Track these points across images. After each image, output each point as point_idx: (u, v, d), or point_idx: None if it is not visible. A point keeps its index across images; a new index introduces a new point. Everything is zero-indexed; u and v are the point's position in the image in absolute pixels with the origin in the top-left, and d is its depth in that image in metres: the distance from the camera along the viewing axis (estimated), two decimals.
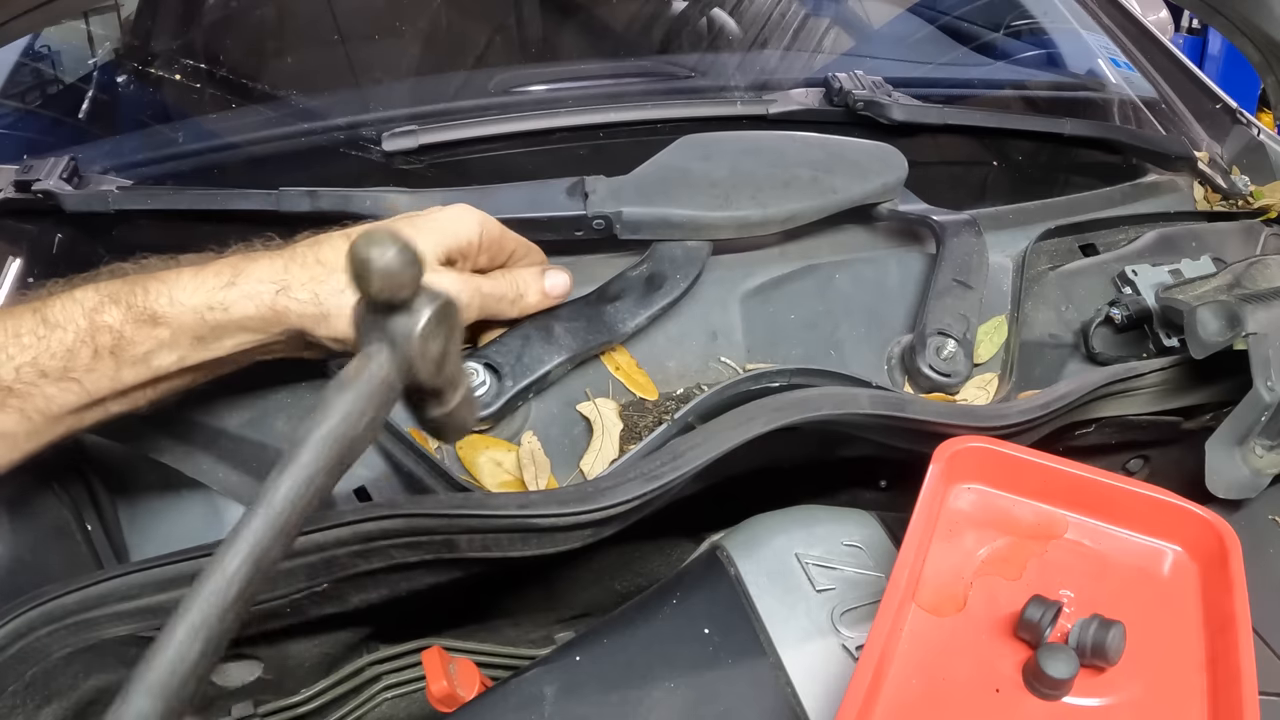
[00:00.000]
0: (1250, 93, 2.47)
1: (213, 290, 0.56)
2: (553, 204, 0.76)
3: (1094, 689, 0.54)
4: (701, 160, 0.80)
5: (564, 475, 0.68)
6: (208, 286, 0.56)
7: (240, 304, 0.56)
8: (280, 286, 0.57)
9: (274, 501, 0.37)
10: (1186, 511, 0.61)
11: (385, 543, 0.58)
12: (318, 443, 0.38)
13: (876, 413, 0.66)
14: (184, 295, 0.56)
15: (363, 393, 0.40)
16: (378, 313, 0.42)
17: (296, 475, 0.38)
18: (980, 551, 0.61)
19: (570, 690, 0.60)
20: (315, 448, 0.38)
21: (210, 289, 0.56)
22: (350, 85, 1.14)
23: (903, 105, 0.99)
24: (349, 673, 0.74)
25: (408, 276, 0.40)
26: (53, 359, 0.53)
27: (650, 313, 0.73)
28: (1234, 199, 1.02)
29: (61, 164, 0.83)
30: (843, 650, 0.61)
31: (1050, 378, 0.80)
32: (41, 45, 1.13)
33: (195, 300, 0.56)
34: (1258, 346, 0.71)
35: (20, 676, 0.53)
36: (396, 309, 0.42)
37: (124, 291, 0.55)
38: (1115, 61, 1.27)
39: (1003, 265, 0.84)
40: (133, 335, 0.54)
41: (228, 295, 0.56)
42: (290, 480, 0.37)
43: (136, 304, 0.55)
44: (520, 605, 0.83)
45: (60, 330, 0.53)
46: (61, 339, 0.53)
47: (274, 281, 0.57)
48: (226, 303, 0.56)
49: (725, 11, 1.29)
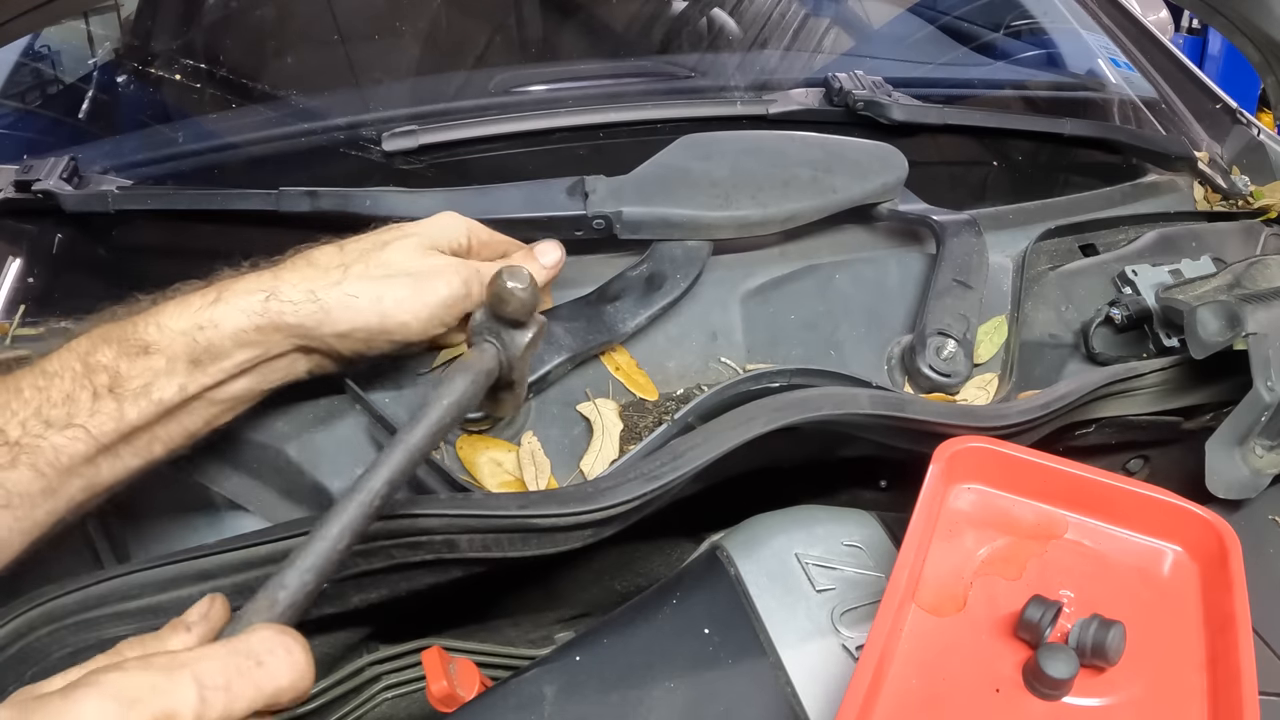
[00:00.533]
0: (1250, 93, 2.47)
1: (199, 310, 0.56)
2: (552, 204, 0.76)
3: (1094, 689, 0.54)
4: (702, 160, 0.80)
5: (564, 475, 0.68)
6: (194, 308, 0.56)
7: (230, 317, 0.56)
8: (269, 293, 0.57)
9: (410, 441, 0.51)
10: (1186, 511, 0.61)
11: (385, 543, 0.58)
12: (444, 405, 0.53)
13: (876, 413, 0.66)
14: (171, 320, 0.55)
15: (476, 374, 0.55)
16: (499, 323, 0.57)
17: (428, 426, 0.51)
18: (980, 551, 0.61)
19: (570, 690, 0.60)
20: (441, 408, 0.52)
21: (196, 309, 0.56)
22: (350, 85, 1.14)
23: (903, 105, 0.99)
24: (349, 673, 0.74)
25: (532, 305, 0.56)
26: (54, 408, 0.53)
27: (650, 312, 0.73)
28: (1234, 199, 1.02)
29: (61, 164, 0.83)
30: (843, 650, 0.61)
31: (1050, 378, 0.80)
32: (41, 45, 1.13)
33: (183, 324, 0.55)
34: (1258, 346, 0.71)
35: (20, 677, 0.53)
36: (514, 325, 0.57)
37: (114, 330, 0.55)
38: (1115, 61, 1.27)
39: (1003, 265, 0.84)
40: (127, 370, 0.54)
41: (215, 312, 0.56)
42: (423, 430, 0.51)
43: (127, 338, 0.55)
44: (520, 605, 0.83)
45: (58, 379, 0.53)
46: (60, 386, 0.53)
47: (262, 290, 0.57)
48: (216, 319, 0.56)
49: (725, 11, 1.29)
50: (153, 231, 0.87)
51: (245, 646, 0.40)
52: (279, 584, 0.45)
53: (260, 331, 0.57)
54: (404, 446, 0.50)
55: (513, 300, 0.54)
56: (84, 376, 0.54)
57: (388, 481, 0.49)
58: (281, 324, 0.57)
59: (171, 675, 0.38)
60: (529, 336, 0.57)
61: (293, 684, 0.41)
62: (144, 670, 0.38)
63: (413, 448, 0.50)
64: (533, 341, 0.58)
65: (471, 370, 0.55)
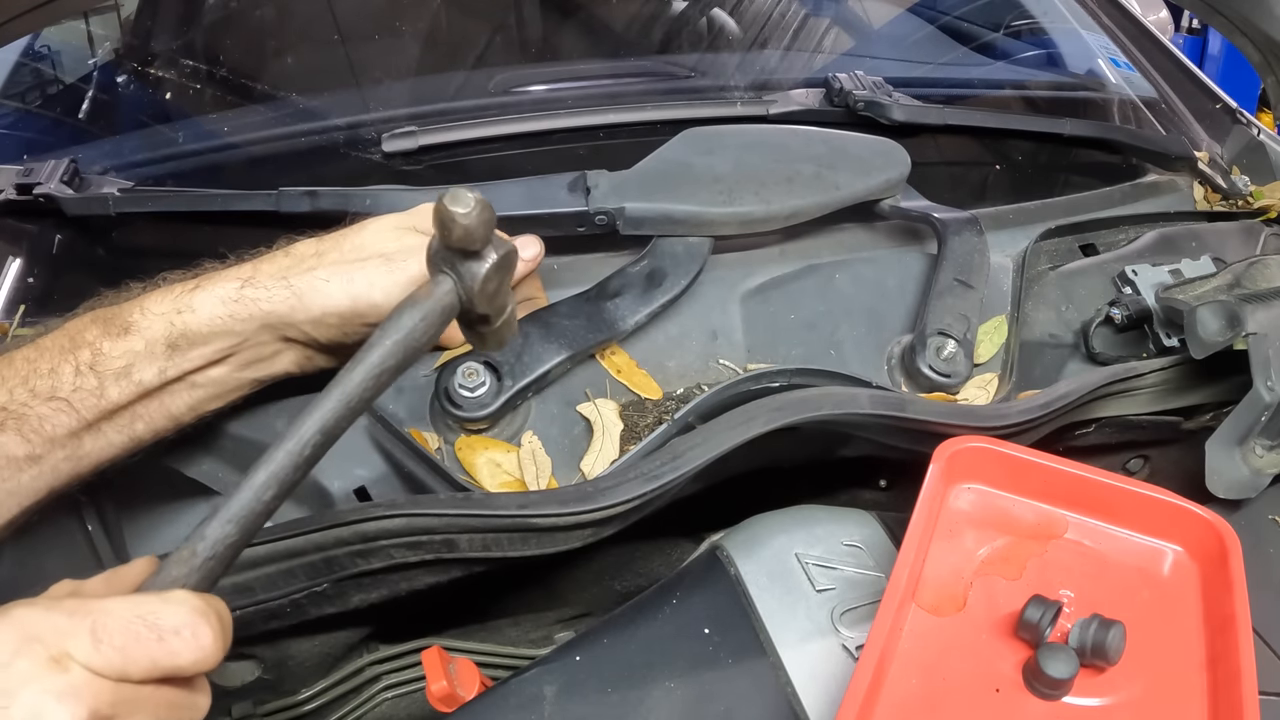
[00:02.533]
0: (1250, 93, 2.47)
1: (179, 295, 0.58)
2: (555, 200, 0.76)
3: (1094, 689, 0.54)
4: (704, 155, 0.80)
5: (564, 475, 0.68)
6: (174, 294, 0.58)
7: (206, 303, 0.58)
8: (245, 280, 0.59)
9: (347, 386, 0.46)
10: (1186, 511, 0.61)
11: (385, 543, 0.58)
12: (387, 344, 0.48)
13: (876, 413, 0.66)
14: (153, 304, 0.58)
15: (428, 311, 0.49)
16: (451, 253, 0.50)
17: (367, 367, 0.47)
18: (980, 551, 0.61)
19: (570, 690, 0.60)
20: (384, 348, 0.47)
21: (177, 295, 0.58)
22: (350, 85, 1.14)
23: (903, 105, 0.99)
24: (349, 673, 0.74)
25: (482, 231, 0.49)
26: (40, 379, 0.55)
27: (650, 309, 0.73)
28: (1234, 199, 1.02)
29: (62, 167, 0.83)
30: (843, 650, 0.61)
31: (1050, 378, 0.80)
32: (41, 45, 1.13)
33: (163, 307, 0.58)
34: (1258, 346, 0.71)
35: None
36: (468, 254, 0.50)
37: (103, 311, 0.58)
38: (1115, 61, 1.27)
39: (1003, 265, 0.84)
40: (109, 349, 0.56)
41: (194, 298, 0.58)
42: (361, 372, 0.47)
43: (112, 319, 0.57)
44: (520, 605, 0.82)
45: (48, 353, 0.56)
46: (48, 359, 0.56)
47: (239, 278, 0.59)
48: (193, 304, 0.58)
49: (725, 11, 1.29)
50: (153, 232, 0.87)
51: (153, 616, 0.40)
52: (199, 535, 0.43)
53: (236, 319, 0.58)
54: (340, 390, 0.46)
55: (455, 227, 0.48)
56: (69, 351, 0.56)
57: (320, 430, 0.46)
58: (256, 311, 0.59)
59: (73, 620, 0.39)
60: (486, 266, 0.51)
61: (194, 664, 0.40)
62: (50, 611, 0.39)
63: (350, 392, 0.46)
64: (495, 270, 0.51)
65: (420, 305, 0.49)
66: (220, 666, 0.42)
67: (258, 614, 0.59)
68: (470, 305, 0.52)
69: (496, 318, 0.55)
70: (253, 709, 0.70)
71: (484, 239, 0.50)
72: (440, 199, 0.48)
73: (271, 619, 0.60)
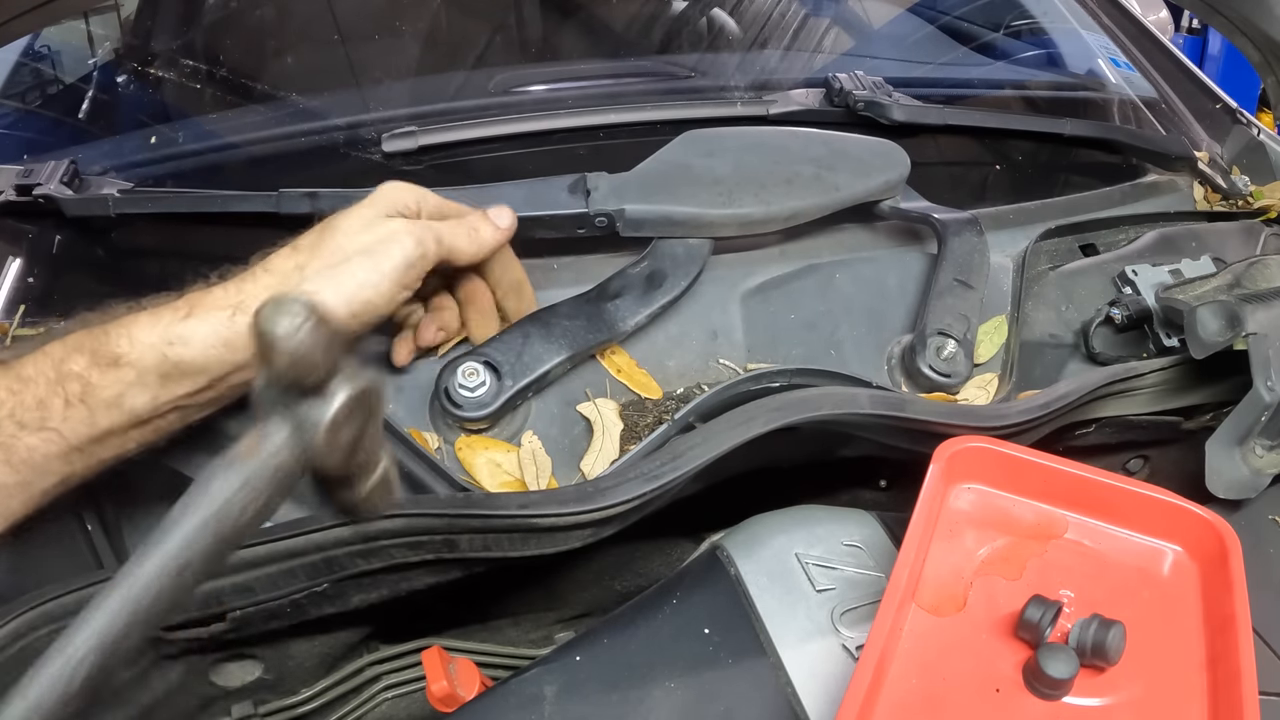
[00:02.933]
0: (1250, 93, 2.47)
1: (169, 324, 0.56)
2: (555, 202, 0.76)
3: (1094, 689, 0.54)
4: (704, 157, 0.80)
5: (564, 475, 0.68)
6: (164, 322, 0.56)
7: (199, 333, 0.56)
8: (234, 308, 0.56)
9: (132, 587, 0.33)
10: (1186, 511, 0.61)
11: (385, 543, 0.58)
12: (191, 527, 0.35)
13: (876, 413, 0.66)
14: (142, 334, 0.55)
15: (251, 476, 0.36)
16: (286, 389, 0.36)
17: (162, 561, 0.34)
18: (980, 551, 0.61)
19: (570, 690, 0.60)
20: (187, 532, 0.35)
21: (167, 324, 0.56)
22: (350, 85, 1.13)
23: (903, 105, 0.99)
24: (349, 673, 0.74)
25: (320, 357, 0.35)
26: (28, 411, 0.53)
27: (650, 311, 0.73)
28: (1234, 199, 1.02)
29: (62, 167, 0.83)
30: (843, 650, 0.61)
31: (1050, 378, 0.80)
32: (41, 45, 1.13)
33: (153, 337, 0.55)
34: (1258, 346, 0.71)
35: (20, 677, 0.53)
36: (307, 391, 0.36)
37: (88, 339, 0.55)
38: (1115, 61, 1.27)
39: (1003, 265, 0.84)
40: (99, 381, 0.54)
41: (185, 328, 0.55)
42: (154, 565, 0.34)
43: (99, 349, 0.55)
44: (520, 605, 0.83)
45: (33, 384, 0.54)
46: (34, 392, 0.54)
47: (229, 305, 0.57)
48: (185, 335, 0.55)
49: (725, 11, 1.29)
50: (153, 233, 0.87)
51: None
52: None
53: (230, 348, 0.56)
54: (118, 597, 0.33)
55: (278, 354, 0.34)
56: (57, 384, 0.54)
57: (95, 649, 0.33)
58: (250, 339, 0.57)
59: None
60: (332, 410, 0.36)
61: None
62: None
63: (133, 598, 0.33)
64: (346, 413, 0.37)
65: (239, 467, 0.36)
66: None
67: (258, 614, 0.59)
68: (317, 463, 0.38)
69: (361, 478, 0.41)
70: (253, 709, 0.70)
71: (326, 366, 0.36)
72: (256, 312, 0.35)
73: (271, 619, 0.60)
